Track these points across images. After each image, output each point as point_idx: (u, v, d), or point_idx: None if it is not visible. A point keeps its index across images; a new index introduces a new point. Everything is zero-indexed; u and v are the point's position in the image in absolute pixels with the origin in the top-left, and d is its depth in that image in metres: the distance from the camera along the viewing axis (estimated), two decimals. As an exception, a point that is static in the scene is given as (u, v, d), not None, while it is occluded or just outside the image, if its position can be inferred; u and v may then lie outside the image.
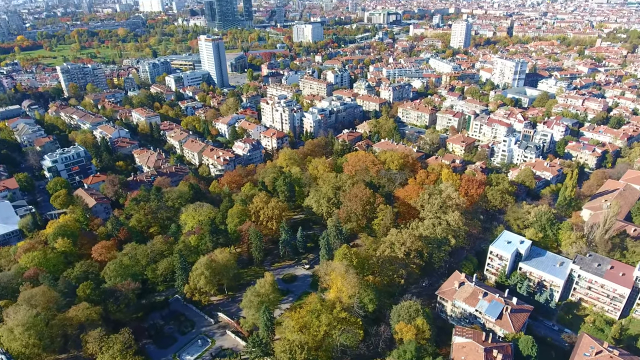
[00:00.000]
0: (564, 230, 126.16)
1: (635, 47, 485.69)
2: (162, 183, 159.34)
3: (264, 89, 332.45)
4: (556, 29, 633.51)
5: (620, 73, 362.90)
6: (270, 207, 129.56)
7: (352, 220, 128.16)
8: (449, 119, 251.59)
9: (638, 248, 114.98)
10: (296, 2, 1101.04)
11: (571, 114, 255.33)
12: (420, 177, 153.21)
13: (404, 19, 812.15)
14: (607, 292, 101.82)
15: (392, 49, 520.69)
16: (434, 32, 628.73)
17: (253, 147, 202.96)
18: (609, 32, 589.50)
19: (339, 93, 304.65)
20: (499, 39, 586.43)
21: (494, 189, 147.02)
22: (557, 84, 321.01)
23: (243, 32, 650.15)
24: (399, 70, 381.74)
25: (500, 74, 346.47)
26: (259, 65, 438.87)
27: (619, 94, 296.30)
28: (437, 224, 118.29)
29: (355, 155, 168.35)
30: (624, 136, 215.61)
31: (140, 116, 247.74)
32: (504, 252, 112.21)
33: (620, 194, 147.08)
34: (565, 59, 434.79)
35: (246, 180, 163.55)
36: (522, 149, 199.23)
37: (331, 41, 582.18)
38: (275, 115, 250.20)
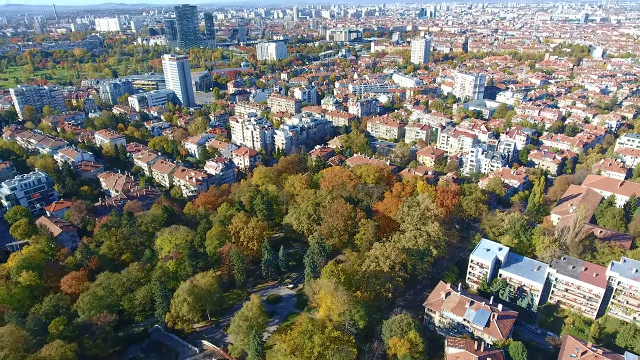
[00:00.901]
0: (536, 236, 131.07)
1: (580, 60, 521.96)
2: (133, 207, 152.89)
3: (232, 107, 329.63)
4: (507, 44, 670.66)
5: (569, 84, 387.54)
6: (250, 227, 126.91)
7: (334, 236, 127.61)
8: (417, 132, 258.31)
9: (606, 249, 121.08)
10: (258, 21, 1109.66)
11: (530, 124, 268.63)
12: (397, 189, 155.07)
13: (364, 36, 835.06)
14: (583, 293, 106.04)
15: (355, 65, 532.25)
16: (394, 49, 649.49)
17: (226, 166, 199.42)
18: (555, 47, 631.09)
19: (308, 109, 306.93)
20: (456, 54, 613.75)
21: (468, 199, 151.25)
22: (514, 95, 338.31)
23: (206, 51, 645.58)
24: (365, 86, 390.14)
25: (461, 87, 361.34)
26: (224, 83, 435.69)
27: (571, 104, 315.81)
28: (419, 236, 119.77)
29: (331, 170, 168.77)
30: (579, 143, 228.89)
31: (104, 138, 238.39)
32: (484, 260, 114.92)
33: (584, 198, 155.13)
34: (518, 72, 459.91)
35: (221, 200, 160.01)
36: (488, 158, 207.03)
37: (295, 59, 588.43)
38: (246, 133, 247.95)
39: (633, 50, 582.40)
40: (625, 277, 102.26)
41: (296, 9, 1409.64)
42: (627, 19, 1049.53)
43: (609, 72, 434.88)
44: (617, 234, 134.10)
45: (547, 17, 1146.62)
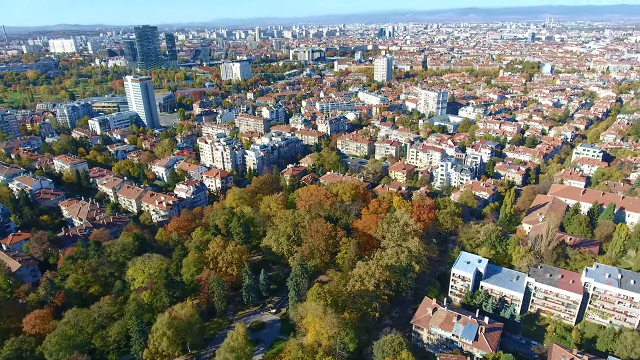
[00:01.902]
0: (512, 246, 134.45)
1: (531, 76, 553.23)
2: (100, 236, 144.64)
3: (199, 128, 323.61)
4: (464, 62, 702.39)
5: (524, 99, 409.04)
6: (228, 252, 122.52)
7: (316, 256, 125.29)
8: (386, 148, 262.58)
9: (578, 255, 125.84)
10: (220, 42, 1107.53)
11: (492, 137, 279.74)
12: (373, 206, 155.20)
13: (327, 55, 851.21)
14: (562, 300, 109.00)
15: (320, 84, 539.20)
16: (357, 67, 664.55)
17: (197, 189, 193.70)
18: (507, 64, 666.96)
19: (277, 128, 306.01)
20: (417, 72, 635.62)
21: (444, 212, 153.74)
22: (475, 110, 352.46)
23: (168, 72, 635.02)
24: (332, 104, 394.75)
25: (425, 103, 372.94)
26: (189, 104, 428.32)
27: (527, 117, 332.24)
28: (400, 252, 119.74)
29: (307, 189, 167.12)
30: (540, 154, 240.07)
31: (64, 164, 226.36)
32: (466, 272, 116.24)
33: (551, 207, 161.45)
34: (476, 88, 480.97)
35: (195, 224, 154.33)
36: (458, 172, 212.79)
37: (260, 78, 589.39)
38: (216, 154, 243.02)
39: (578, 66, 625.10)
40: (599, 282, 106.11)
41: (258, 30, 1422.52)
42: (569, 37, 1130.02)
43: (559, 87, 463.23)
44: (585, 240, 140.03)
45: (498, 36, 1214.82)
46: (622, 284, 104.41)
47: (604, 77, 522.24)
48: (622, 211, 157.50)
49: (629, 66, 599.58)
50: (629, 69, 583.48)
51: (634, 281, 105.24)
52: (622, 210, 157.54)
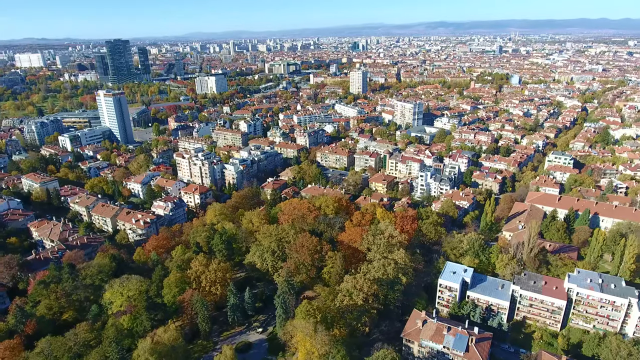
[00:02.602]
0: (494, 254, 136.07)
1: (501, 87, 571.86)
2: (74, 258, 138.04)
3: (175, 142, 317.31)
4: (436, 74, 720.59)
5: (495, 109, 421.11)
6: (212, 270, 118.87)
7: (302, 271, 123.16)
8: (366, 160, 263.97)
9: (559, 261, 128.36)
10: (194, 55, 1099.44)
11: (468, 147, 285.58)
12: (357, 218, 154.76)
13: (302, 68, 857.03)
14: (547, 306, 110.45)
15: (297, 96, 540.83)
16: (333, 80, 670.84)
17: (175, 206, 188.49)
18: (478, 76, 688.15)
19: (255, 142, 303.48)
20: (391, 84, 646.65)
21: (426, 223, 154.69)
22: (449, 121, 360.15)
23: (142, 86, 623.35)
24: (309, 117, 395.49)
25: (401, 115, 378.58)
26: (164, 118, 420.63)
27: (500, 127, 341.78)
28: (387, 264, 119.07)
29: (289, 203, 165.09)
30: (514, 163, 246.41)
31: (33, 182, 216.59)
32: (452, 283, 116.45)
33: (529, 214, 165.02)
34: (450, 99, 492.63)
35: (174, 242, 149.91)
36: (437, 182, 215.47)
37: (236, 92, 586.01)
38: (194, 169, 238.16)
39: (544, 77, 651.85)
40: (582, 287, 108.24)
41: (232, 43, 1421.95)
42: (534, 49, 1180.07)
43: (527, 97, 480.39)
44: (564, 246, 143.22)
45: (467, 49, 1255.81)
46: (604, 289, 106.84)
47: (569, 87, 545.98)
48: (597, 216, 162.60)
49: (591, 77, 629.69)
50: (591, 79, 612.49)
51: (614, 285, 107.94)
52: (597, 216, 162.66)
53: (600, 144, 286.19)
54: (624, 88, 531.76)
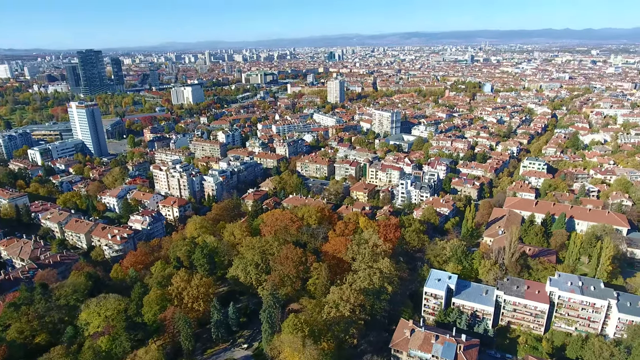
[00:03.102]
0: (477, 260, 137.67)
1: (474, 95, 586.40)
2: (47, 277, 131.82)
3: (151, 154, 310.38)
4: (411, 82, 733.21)
5: (470, 117, 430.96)
6: (194, 286, 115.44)
7: (287, 284, 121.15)
8: (346, 169, 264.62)
9: (539, 265, 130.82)
10: (169, 66, 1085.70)
11: (445, 154, 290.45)
12: (340, 228, 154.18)
13: (280, 78, 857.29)
14: (530, 310, 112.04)
15: (275, 106, 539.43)
16: (310, 89, 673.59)
17: (153, 219, 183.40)
18: (452, 84, 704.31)
19: (234, 152, 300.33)
20: (368, 93, 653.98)
21: (409, 230, 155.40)
22: (426, 129, 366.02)
23: (115, 97, 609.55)
24: (288, 126, 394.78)
25: (379, 123, 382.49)
26: (139, 130, 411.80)
27: (475, 134, 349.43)
28: (373, 274, 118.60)
29: (271, 214, 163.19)
30: (491, 169, 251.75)
31: (1, 198, 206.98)
32: (438, 290, 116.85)
33: (507, 219, 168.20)
34: (425, 107, 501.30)
35: (153, 258, 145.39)
36: (417, 189, 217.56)
37: (213, 102, 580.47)
38: (172, 181, 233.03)
39: (514, 85, 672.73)
40: (563, 290, 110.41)
41: (208, 54, 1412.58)
42: (503, 59, 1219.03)
43: (500, 105, 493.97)
44: (543, 250, 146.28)
45: (440, 58, 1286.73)
46: (584, 291, 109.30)
47: (539, 95, 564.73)
48: (572, 220, 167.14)
49: (559, 84, 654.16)
50: (559, 87, 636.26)
51: (594, 287, 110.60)
52: (572, 219, 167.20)
53: (571, 149, 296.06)
54: (589, 95, 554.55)
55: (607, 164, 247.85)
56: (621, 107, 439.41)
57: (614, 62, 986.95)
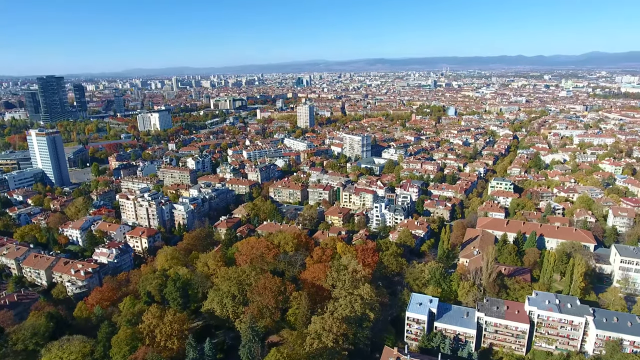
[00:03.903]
0: (455, 282, 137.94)
1: (439, 118, 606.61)
2: (2, 320, 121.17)
3: (117, 183, 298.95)
4: (379, 107, 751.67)
5: (437, 139, 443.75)
6: (167, 322, 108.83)
7: (266, 315, 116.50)
8: (320, 193, 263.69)
9: (516, 285, 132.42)
10: (135, 92, 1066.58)
11: (416, 176, 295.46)
12: (317, 254, 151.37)
13: (249, 104, 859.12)
14: (511, 331, 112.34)
15: (245, 132, 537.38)
16: (280, 115, 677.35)
17: (121, 252, 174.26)
18: (417, 108, 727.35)
19: (205, 179, 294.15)
20: (337, 117, 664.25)
21: (387, 254, 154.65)
22: (396, 152, 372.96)
23: (78, 124, 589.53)
24: (259, 152, 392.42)
25: (350, 147, 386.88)
26: (103, 158, 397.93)
27: (443, 156, 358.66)
28: (354, 301, 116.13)
29: (246, 242, 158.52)
30: (461, 190, 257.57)
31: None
32: (420, 315, 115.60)
33: (481, 239, 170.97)
34: (394, 131, 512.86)
35: (121, 293, 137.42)
36: (391, 212, 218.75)
37: (181, 128, 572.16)
38: (140, 210, 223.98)
39: (476, 108, 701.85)
40: (542, 309, 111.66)
41: (175, 79, 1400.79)
42: (464, 84, 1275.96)
43: (464, 127, 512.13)
44: (517, 269, 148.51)
45: (405, 84, 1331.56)
46: (562, 309, 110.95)
47: (500, 118, 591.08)
48: (542, 238, 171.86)
49: (517, 107, 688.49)
50: (517, 110, 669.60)
51: (570, 304, 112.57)
52: (542, 237, 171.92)
53: (534, 169, 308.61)
54: (546, 117, 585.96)
55: (569, 182, 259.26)
56: (575, 128, 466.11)
57: (565, 86, 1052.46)
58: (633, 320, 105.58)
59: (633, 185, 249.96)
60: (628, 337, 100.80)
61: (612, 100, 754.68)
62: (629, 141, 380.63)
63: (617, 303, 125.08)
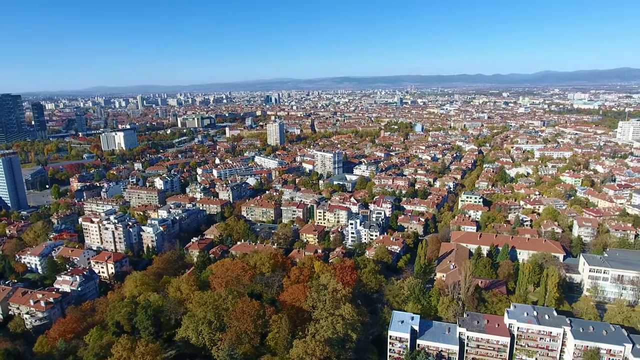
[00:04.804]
0: (434, 297, 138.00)
1: (407, 135, 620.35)
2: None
3: (80, 205, 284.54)
4: (347, 124, 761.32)
5: (406, 155, 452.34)
6: (139, 354, 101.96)
7: (244, 341, 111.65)
8: (293, 211, 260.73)
9: (494, 297, 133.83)
10: (98, 110, 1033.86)
11: (388, 192, 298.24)
12: (294, 274, 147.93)
13: (217, 122, 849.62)
14: (493, 345, 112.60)
15: (214, 150, 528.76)
16: (249, 133, 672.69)
17: (85, 279, 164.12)
18: (385, 125, 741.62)
19: (174, 199, 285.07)
20: (307, 134, 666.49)
21: (365, 272, 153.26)
22: (368, 168, 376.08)
23: (36, 144, 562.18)
24: (230, 170, 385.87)
25: (322, 164, 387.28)
26: (65, 179, 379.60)
27: (413, 171, 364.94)
28: (336, 322, 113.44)
29: (221, 264, 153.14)
30: (433, 204, 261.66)
31: None
32: (402, 333, 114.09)
33: (456, 253, 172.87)
34: (364, 147, 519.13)
35: (87, 324, 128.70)
36: (366, 228, 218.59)
37: (148, 147, 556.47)
38: (105, 234, 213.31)
39: (442, 124, 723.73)
40: (521, 322, 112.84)
41: (140, 97, 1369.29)
42: (429, 101, 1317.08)
43: (432, 143, 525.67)
44: (493, 282, 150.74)
45: (372, 101, 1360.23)
46: (540, 320, 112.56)
47: (464, 133, 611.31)
48: (514, 250, 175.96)
49: (480, 123, 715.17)
50: (480, 126, 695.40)
51: (548, 316, 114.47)
52: (514, 249, 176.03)
53: (500, 182, 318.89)
54: (507, 132, 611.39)
55: (534, 195, 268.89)
56: (535, 142, 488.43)
57: (522, 102, 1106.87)
58: (607, 328, 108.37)
59: (593, 196, 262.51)
60: (604, 346, 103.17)
61: (566, 116, 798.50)
62: (585, 154, 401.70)
63: (590, 312, 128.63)
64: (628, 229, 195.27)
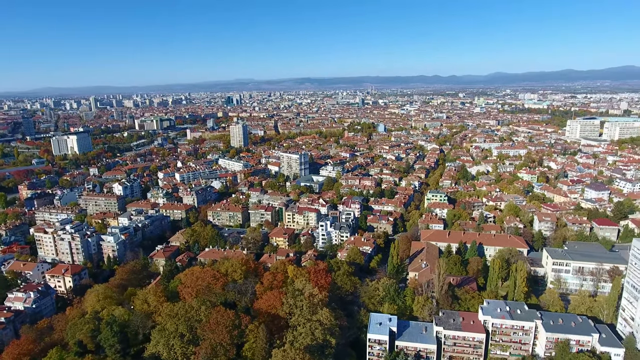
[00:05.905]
0: (409, 297, 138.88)
1: (370, 135, 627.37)
2: None
3: (31, 214, 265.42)
4: (311, 125, 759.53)
5: (371, 155, 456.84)
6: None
7: (220, 354, 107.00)
8: (261, 214, 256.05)
9: (466, 294, 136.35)
10: (47, 112, 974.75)
11: (356, 192, 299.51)
12: (268, 280, 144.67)
13: (177, 124, 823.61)
14: (469, 342, 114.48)
15: (176, 153, 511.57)
16: (212, 134, 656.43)
17: (40, 295, 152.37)
18: (348, 125, 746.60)
19: (135, 206, 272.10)
20: (271, 136, 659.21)
21: (339, 274, 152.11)
22: (334, 169, 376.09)
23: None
24: (193, 174, 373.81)
25: (288, 166, 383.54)
26: (12, 186, 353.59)
27: (379, 171, 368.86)
28: (314, 328, 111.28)
29: (190, 273, 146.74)
30: (400, 203, 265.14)
31: None
32: (381, 335, 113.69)
33: (427, 251, 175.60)
34: (329, 148, 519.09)
35: (45, 345, 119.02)
36: (337, 230, 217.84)
37: (103, 151, 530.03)
38: (61, 245, 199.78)
39: (403, 124, 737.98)
40: (495, 318, 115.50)
41: (94, 99, 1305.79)
42: (389, 102, 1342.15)
43: (395, 143, 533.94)
44: (464, 279, 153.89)
45: (334, 102, 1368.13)
46: (512, 315, 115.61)
47: (425, 133, 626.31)
48: (482, 246, 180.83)
49: (439, 123, 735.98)
50: (440, 125, 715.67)
51: (519, 310, 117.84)
52: (481, 245, 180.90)
53: (463, 180, 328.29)
54: (466, 132, 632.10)
55: (495, 192, 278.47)
56: (492, 141, 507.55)
57: (478, 103, 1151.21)
58: (575, 320, 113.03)
59: (549, 191, 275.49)
60: (574, 337, 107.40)
61: (519, 115, 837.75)
62: (538, 152, 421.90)
63: (556, 304, 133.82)
64: (583, 222, 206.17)
